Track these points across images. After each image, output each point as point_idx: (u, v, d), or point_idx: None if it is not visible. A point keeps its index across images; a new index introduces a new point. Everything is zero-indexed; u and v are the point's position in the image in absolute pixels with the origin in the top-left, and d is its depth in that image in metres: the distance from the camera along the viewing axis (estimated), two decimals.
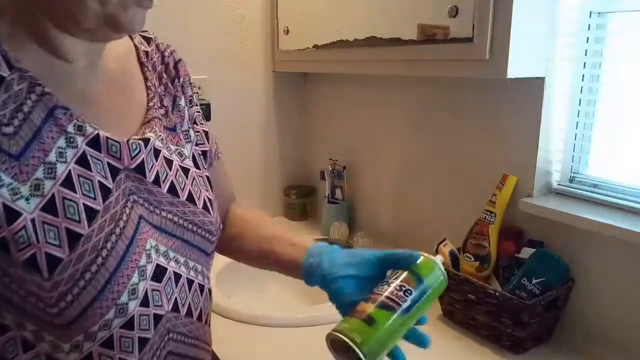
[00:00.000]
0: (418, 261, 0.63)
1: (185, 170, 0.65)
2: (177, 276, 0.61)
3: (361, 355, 0.54)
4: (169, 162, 0.63)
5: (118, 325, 0.54)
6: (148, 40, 0.69)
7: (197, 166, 0.69)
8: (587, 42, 1.01)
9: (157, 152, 0.61)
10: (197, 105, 0.74)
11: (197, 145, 0.70)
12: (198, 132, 0.72)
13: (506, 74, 0.91)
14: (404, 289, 0.60)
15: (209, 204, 0.67)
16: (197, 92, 0.75)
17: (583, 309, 1.00)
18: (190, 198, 0.64)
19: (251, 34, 1.56)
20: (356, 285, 0.65)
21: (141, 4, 0.53)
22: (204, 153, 0.72)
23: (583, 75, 1.03)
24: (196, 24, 1.45)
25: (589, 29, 1.00)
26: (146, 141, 0.59)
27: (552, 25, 0.97)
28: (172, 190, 0.62)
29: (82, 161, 0.53)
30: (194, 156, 0.69)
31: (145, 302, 0.56)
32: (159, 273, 0.58)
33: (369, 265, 0.66)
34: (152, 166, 0.60)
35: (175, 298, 0.60)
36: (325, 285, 0.67)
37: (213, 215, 0.67)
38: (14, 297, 0.49)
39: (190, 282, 0.63)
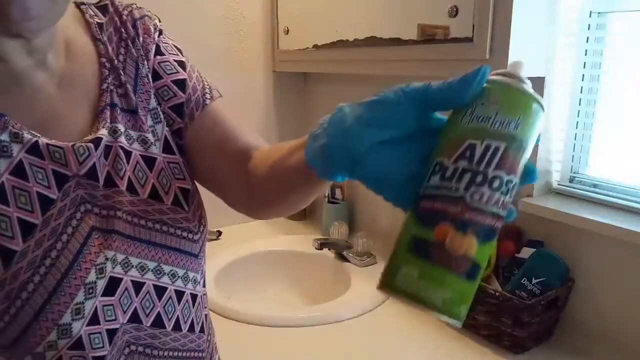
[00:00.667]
0: (497, 96, 0.38)
1: (150, 161, 0.57)
2: (138, 285, 0.55)
3: (457, 324, 0.36)
4: (128, 155, 0.55)
5: (65, 346, 0.49)
6: (103, 9, 0.60)
7: (169, 151, 0.59)
8: (587, 42, 1.01)
9: (109, 149, 0.54)
10: (168, 53, 0.62)
11: (166, 101, 0.60)
12: (164, 86, 0.60)
13: None
14: (504, 180, 0.35)
15: (181, 197, 0.58)
16: (174, 44, 0.64)
17: (583, 309, 1.00)
18: (154, 194, 0.56)
19: (251, 34, 1.56)
20: (397, 156, 0.40)
21: None
22: (178, 107, 0.60)
23: (583, 75, 1.03)
24: (196, 24, 1.45)
25: (589, 29, 1.00)
26: (97, 142, 0.52)
27: (552, 25, 0.97)
28: (131, 188, 0.55)
29: (18, 172, 0.48)
30: (165, 138, 0.59)
31: (94, 320, 0.51)
32: (113, 286, 0.53)
33: (403, 114, 0.39)
34: (104, 167, 0.53)
35: (135, 308, 0.55)
36: (349, 173, 0.43)
37: (188, 209, 0.59)
38: None
39: (160, 289, 0.57)
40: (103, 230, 0.53)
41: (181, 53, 0.64)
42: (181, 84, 0.61)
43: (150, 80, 0.60)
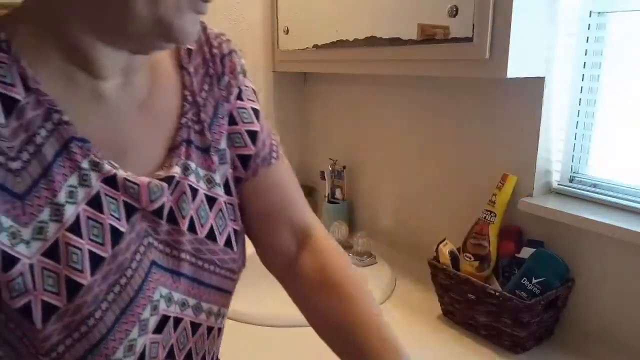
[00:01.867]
0: None
1: (211, 200, 0.56)
2: (177, 321, 0.54)
3: None
4: (194, 193, 0.54)
5: None
6: None
7: (228, 192, 0.59)
8: (587, 41, 1.01)
9: (177, 184, 0.53)
10: (247, 99, 0.61)
11: (236, 148, 0.59)
12: (238, 132, 0.59)
13: (506, 74, 0.91)
14: None
15: (233, 239, 0.58)
16: (252, 88, 0.63)
17: (583, 308, 1.00)
18: (211, 234, 0.56)
19: (251, 34, 1.56)
20: None
21: (197, 8, 0.46)
22: (245, 158, 0.60)
23: (583, 75, 1.03)
24: None
25: (589, 28, 1.00)
26: (169, 180, 0.51)
27: (552, 25, 0.97)
28: (192, 227, 0.54)
29: (94, 202, 0.46)
30: (226, 180, 0.59)
31: (141, 358, 0.50)
32: (162, 324, 0.52)
33: None
34: (169, 203, 0.52)
35: (172, 344, 0.54)
36: None
37: (236, 251, 0.59)
38: (10, 336, 0.45)
39: (196, 325, 0.57)
40: (161, 266, 0.52)
41: (257, 99, 0.64)
42: (253, 135, 0.60)
43: (226, 122, 0.59)
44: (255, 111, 0.62)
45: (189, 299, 0.55)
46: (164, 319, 0.52)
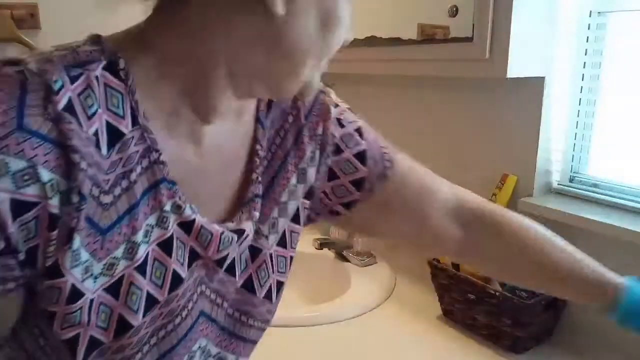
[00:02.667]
0: None
1: (255, 252, 0.54)
2: None
3: None
4: (254, 250, 0.53)
5: None
6: None
7: (283, 245, 0.57)
8: (587, 41, 1.01)
9: (246, 239, 0.51)
10: (346, 148, 0.60)
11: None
12: (341, 185, 0.59)
13: (506, 74, 0.91)
14: None
15: (274, 291, 0.57)
16: (346, 108, 0.65)
17: (583, 308, 1.00)
18: (251, 286, 0.54)
19: None
20: None
21: (322, 69, 0.49)
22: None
23: (583, 75, 1.03)
24: None
25: (589, 28, 1.00)
26: (240, 233, 0.49)
27: (552, 25, 0.97)
28: (247, 283, 0.53)
29: (166, 245, 0.44)
30: (284, 233, 0.57)
31: None
32: None
33: None
34: (233, 257, 0.51)
35: None
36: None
37: (274, 302, 0.57)
38: (38, 352, 0.44)
39: None
40: (208, 317, 0.50)
41: (353, 114, 0.64)
42: (358, 183, 0.60)
43: (314, 174, 0.58)
44: (360, 156, 0.61)
45: (227, 354, 0.54)
46: None
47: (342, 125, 0.60)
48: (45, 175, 0.36)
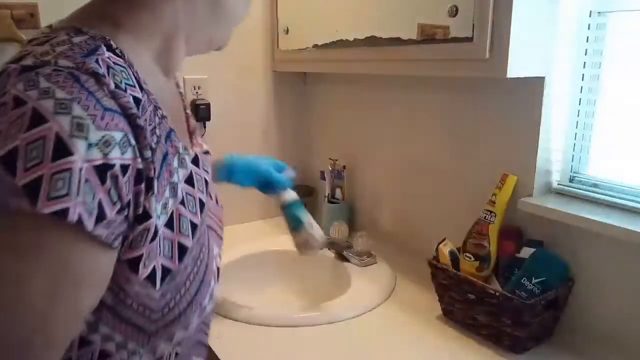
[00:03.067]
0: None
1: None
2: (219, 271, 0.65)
3: None
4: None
5: (195, 326, 0.58)
6: None
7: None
8: (587, 41, 1.01)
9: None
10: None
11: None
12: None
13: (506, 74, 0.90)
14: None
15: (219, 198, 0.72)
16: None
17: (583, 308, 1.00)
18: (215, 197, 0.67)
19: (251, 34, 1.56)
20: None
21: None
22: None
23: (583, 75, 1.03)
24: None
25: (589, 28, 1.00)
26: (207, 153, 0.66)
27: (552, 25, 0.97)
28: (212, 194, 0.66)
29: (189, 180, 0.56)
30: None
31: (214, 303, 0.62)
32: (219, 274, 0.64)
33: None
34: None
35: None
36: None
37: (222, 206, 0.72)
38: (124, 311, 0.50)
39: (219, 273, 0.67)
40: (211, 229, 0.63)
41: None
42: None
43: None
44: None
45: (220, 251, 0.66)
46: (218, 270, 0.64)
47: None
48: (132, 140, 0.45)
